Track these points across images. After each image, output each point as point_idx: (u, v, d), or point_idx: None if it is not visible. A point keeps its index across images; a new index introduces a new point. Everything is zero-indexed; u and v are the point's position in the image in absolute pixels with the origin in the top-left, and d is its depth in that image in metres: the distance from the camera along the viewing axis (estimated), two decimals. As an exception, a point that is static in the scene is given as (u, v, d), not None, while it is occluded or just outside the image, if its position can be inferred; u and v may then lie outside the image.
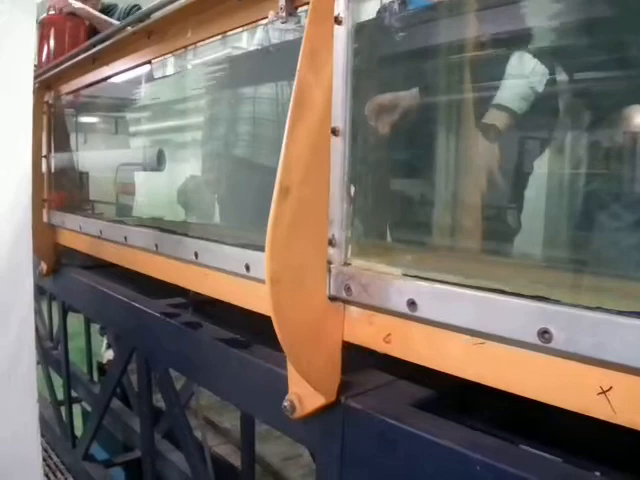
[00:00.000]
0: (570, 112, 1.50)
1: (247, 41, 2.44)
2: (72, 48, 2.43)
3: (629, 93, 1.33)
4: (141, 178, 3.01)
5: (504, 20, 1.44)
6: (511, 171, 1.62)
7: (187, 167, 2.79)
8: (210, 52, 2.07)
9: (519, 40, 1.48)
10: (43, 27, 3.10)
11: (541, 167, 1.60)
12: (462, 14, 1.46)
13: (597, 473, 0.85)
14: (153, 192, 2.93)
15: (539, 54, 1.45)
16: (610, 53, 1.33)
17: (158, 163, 2.82)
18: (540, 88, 1.48)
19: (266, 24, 1.21)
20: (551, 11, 1.39)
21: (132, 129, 3.47)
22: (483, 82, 1.51)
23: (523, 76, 1.47)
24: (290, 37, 1.98)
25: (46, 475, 3.14)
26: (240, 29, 1.37)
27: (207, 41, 1.49)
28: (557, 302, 0.75)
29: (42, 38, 3.10)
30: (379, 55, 1.31)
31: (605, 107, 1.40)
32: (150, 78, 2.54)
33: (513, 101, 1.48)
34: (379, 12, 1.37)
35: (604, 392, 0.71)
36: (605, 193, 1.41)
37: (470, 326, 0.84)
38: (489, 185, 1.50)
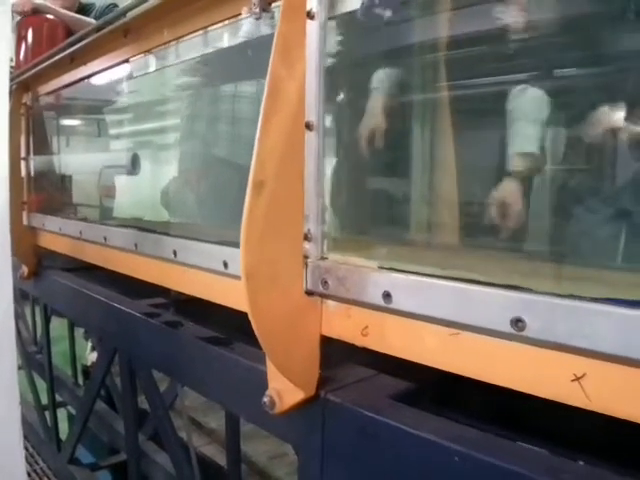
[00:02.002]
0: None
1: (227, 39, 2.43)
2: (50, 48, 2.41)
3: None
4: (122, 180, 2.99)
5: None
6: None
7: (171, 168, 2.78)
8: (188, 51, 2.06)
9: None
10: (20, 28, 3.08)
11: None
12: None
13: (581, 462, 0.85)
14: (135, 194, 2.91)
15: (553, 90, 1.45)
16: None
17: (133, 167, 2.80)
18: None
19: (240, 20, 1.21)
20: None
21: (114, 131, 3.44)
22: (459, 80, 1.52)
23: (541, 121, 1.47)
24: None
25: (32, 480, 3.12)
26: (215, 26, 1.36)
27: (183, 39, 1.49)
28: (530, 291, 0.75)
29: (19, 39, 3.07)
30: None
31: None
32: (129, 78, 2.52)
33: (537, 146, 1.48)
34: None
35: (578, 379, 0.71)
36: (582, 188, 1.42)
37: (445, 317, 0.84)
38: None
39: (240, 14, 1.16)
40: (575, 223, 1.41)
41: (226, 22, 1.30)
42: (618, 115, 1.38)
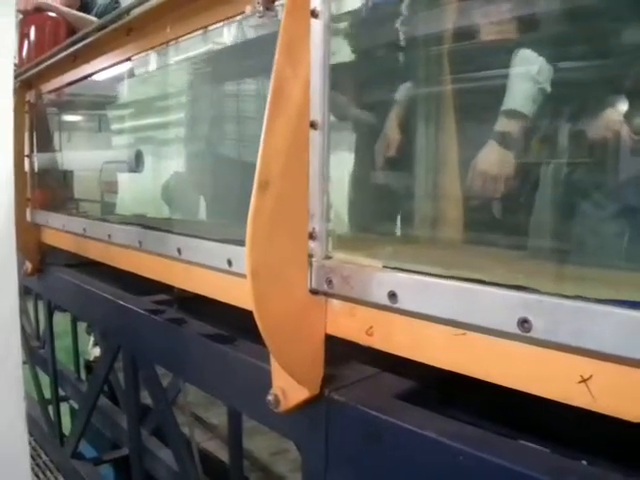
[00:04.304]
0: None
1: (228, 36, 2.43)
2: (53, 46, 2.41)
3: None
4: (124, 176, 2.99)
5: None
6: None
7: (171, 164, 2.78)
8: (191, 48, 2.07)
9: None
10: (23, 26, 3.08)
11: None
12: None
13: (584, 462, 0.85)
14: (136, 189, 2.92)
15: (543, 50, 1.43)
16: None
17: (136, 165, 2.80)
18: (549, 88, 1.45)
19: (243, 18, 1.21)
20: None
21: (115, 127, 3.45)
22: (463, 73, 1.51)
23: (530, 77, 1.44)
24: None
25: (35, 474, 3.13)
26: (218, 24, 1.36)
27: (186, 37, 1.49)
28: (536, 291, 0.75)
29: (22, 37, 3.08)
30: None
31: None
32: (132, 75, 2.53)
33: (524, 105, 1.44)
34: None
35: (584, 380, 0.72)
36: (588, 183, 1.42)
37: (451, 317, 0.84)
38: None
39: (244, 12, 1.16)
40: (574, 220, 1.41)
41: (230, 20, 1.30)
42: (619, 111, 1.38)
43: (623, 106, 1.39)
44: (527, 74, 1.44)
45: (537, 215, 1.47)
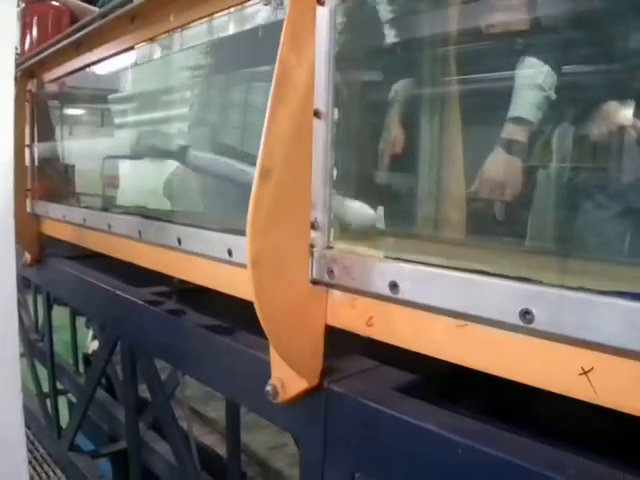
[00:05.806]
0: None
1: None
2: (55, 35, 2.40)
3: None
4: (126, 169, 2.98)
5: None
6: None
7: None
8: (195, 37, 2.05)
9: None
10: (25, 15, 3.07)
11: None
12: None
13: (582, 457, 0.85)
14: (138, 183, 2.91)
15: (548, 58, 1.43)
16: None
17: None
18: (553, 95, 1.45)
19: (249, 6, 1.20)
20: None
21: (117, 120, 3.43)
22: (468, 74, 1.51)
23: (536, 85, 1.45)
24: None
25: (32, 467, 3.13)
26: (223, 12, 1.35)
27: (190, 25, 1.48)
28: (539, 282, 0.75)
29: (25, 26, 3.07)
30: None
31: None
32: (134, 66, 2.51)
33: (530, 112, 1.45)
34: None
35: (585, 373, 0.71)
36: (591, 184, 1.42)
37: (452, 308, 0.83)
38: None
39: (249, 0, 1.15)
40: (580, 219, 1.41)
41: (234, 8, 1.28)
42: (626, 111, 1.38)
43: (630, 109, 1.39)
44: (533, 82, 1.44)
45: (543, 217, 1.47)
